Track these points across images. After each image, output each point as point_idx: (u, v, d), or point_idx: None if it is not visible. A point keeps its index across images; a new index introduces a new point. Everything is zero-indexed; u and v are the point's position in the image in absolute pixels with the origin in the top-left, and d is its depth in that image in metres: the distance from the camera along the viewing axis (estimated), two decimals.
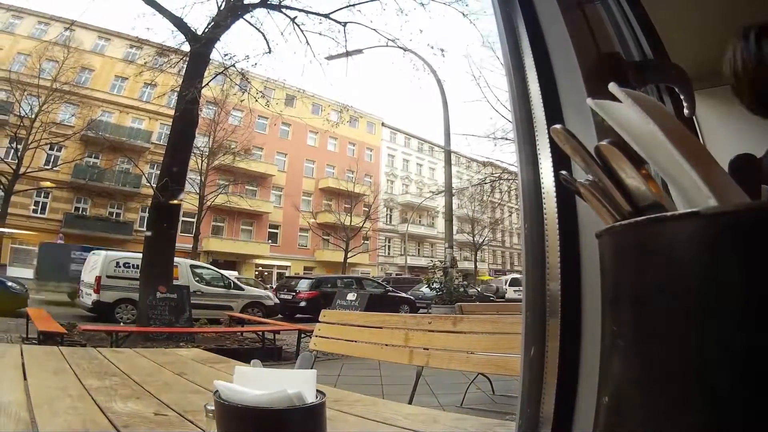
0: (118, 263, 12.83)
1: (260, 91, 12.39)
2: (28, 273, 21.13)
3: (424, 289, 19.09)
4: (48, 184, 26.32)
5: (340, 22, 11.74)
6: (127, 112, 30.46)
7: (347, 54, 12.24)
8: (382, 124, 44.83)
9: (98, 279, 12.46)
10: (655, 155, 0.54)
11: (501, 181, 19.50)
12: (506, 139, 14.67)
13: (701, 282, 0.47)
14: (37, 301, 13.20)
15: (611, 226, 0.56)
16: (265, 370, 0.86)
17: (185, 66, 10.86)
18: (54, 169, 26.57)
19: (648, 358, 0.51)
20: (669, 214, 0.53)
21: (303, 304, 16.19)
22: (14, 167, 23.15)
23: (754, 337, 0.44)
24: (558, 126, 0.57)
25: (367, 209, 36.17)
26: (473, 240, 41.52)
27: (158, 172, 11.24)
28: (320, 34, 11.85)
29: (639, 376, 0.52)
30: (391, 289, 19.59)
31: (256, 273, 34.63)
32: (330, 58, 12.41)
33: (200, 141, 23.82)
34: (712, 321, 0.46)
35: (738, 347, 0.45)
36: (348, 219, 33.94)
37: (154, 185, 10.05)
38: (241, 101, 12.44)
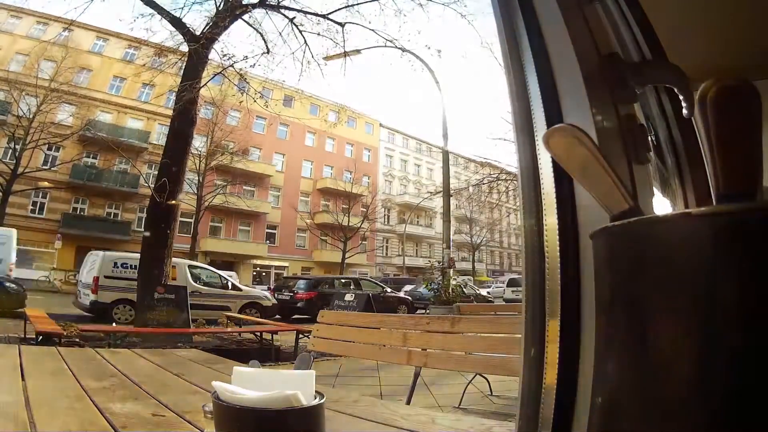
0: (115, 263, 12.79)
1: (258, 92, 12.37)
2: (26, 273, 21.05)
3: (422, 290, 19.09)
4: (46, 184, 26.29)
5: (338, 23, 11.75)
6: (125, 113, 30.43)
7: (345, 54, 12.23)
8: (380, 125, 44.84)
9: (96, 279, 12.42)
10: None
11: (499, 182, 19.48)
12: (505, 139, 14.67)
13: (695, 283, 0.47)
14: None
15: (605, 227, 0.56)
16: (263, 370, 0.86)
17: (183, 66, 10.86)
18: (52, 169, 26.55)
19: (642, 360, 0.51)
20: (662, 215, 0.53)
21: (301, 304, 16.16)
22: (12, 167, 23.12)
23: (750, 337, 0.44)
24: (563, 125, 0.57)
25: (365, 210, 36.17)
26: (471, 240, 41.55)
27: (156, 172, 11.22)
28: (318, 34, 11.83)
29: (633, 377, 0.52)
30: (389, 289, 19.58)
31: (254, 273, 34.62)
32: (328, 58, 12.40)
33: (198, 141, 23.81)
34: (706, 322, 0.46)
35: (733, 348, 0.45)
36: (346, 219, 33.95)
37: (152, 185, 10.03)
38: (240, 102, 12.43)
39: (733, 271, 0.45)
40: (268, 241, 35.91)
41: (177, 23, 10.47)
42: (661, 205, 1.13)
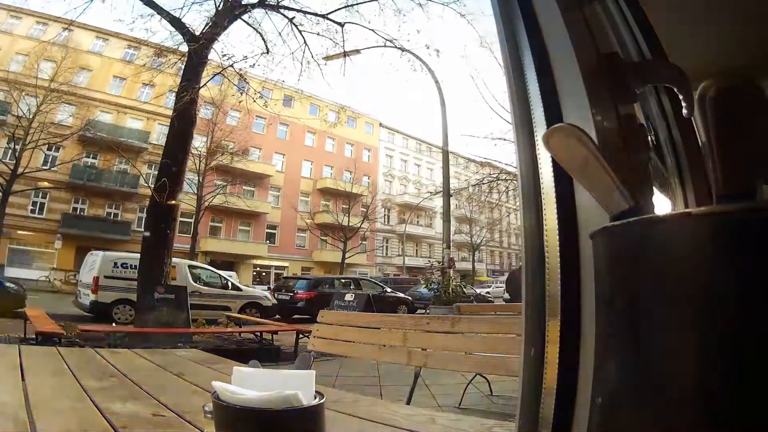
0: (115, 263, 12.79)
1: (258, 92, 12.37)
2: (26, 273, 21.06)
3: (422, 290, 19.08)
4: (46, 184, 26.27)
5: (338, 23, 11.74)
6: (125, 113, 30.43)
7: (345, 54, 12.22)
8: (380, 125, 44.84)
9: (96, 279, 12.43)
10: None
11: (499, 182, 19.43)
12: (505, 139, 14.62)
13: (696, 283, 0.47)
14: None
15: (605, 227, 0.56)
16: (263, 370, 0.85)
17: (183, 66, 10.86)
18: (52, 169, 26.51)
19: (642, 360, 0.51)
20: (662, 215, 0.53)
21: (301, 304, 16.14)
22: (12, 167, 23.09)
23: (750, 337, 0.44)
24: (563, 124, 0.57)
25: (365, 209, 36.14)
26: (471, 240, 41.53)
27: (156, 172, 11.22)
28: (318, 34, 11.83)
29: (633, 377, 0.52)
30: (389, 289, 19.58)
31: (254, 273, 34.61)
32: (328, 58, 12.39)
33: (198, 141, 23.80)
34: (707, 322, 0.46)
35: (734, 347, 0.45)
36: (346, 219, 33.94)
37: (152, 186, 10.02)
38: (240, 102, 12.42)
39: (732, 270, 0.45)
40: (268, 241, 35.89)
41: (176, 23, 10.46)
42: (661, 205, 1.13)
